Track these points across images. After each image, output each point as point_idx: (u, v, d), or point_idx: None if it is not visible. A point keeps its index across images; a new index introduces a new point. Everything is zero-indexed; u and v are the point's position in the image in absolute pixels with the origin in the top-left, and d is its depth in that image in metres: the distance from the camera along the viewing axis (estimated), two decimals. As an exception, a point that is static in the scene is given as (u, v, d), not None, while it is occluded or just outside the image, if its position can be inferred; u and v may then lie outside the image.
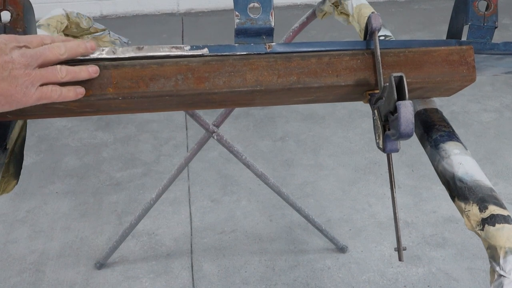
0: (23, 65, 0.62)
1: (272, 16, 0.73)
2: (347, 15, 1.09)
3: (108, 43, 1.21)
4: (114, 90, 0.70)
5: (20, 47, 0.64)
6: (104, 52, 0.70)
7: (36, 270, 1.82)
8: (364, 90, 0.75)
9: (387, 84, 0.65)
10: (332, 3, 1.16)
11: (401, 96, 0.62)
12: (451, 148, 0.72)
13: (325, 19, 1.29)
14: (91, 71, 0.69)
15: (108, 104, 0.72)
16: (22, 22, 0.73)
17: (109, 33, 1.20)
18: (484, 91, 2.86)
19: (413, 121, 0.61)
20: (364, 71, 0.73)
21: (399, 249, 0.69)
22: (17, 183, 0.77)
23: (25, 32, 0.73)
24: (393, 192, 0.71)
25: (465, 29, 0.79)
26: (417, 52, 0.75)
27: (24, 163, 0.79)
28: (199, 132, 2.35)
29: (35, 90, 0.64)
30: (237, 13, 0.72)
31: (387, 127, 0.68)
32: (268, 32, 0.74)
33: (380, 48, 0.73)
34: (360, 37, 1.00)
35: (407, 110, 0.60)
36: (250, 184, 2.19)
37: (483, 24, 0.75)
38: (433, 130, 0.76)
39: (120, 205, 2.11)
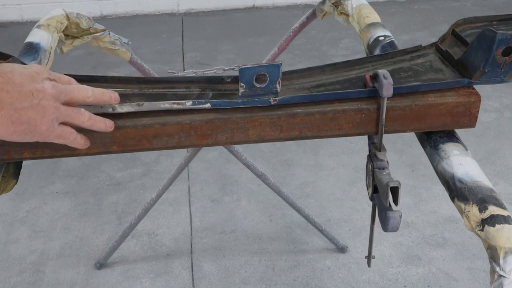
0: (53, 96, 0.61)
1: (279, 84, 0.70)
2: (347, 15, 1.09)
3: (108, 43, 1.21)
4: (118, 148, 0.71)
5: (51, 79, 0.63)
6: (102, 108, 0.69)
7: (36, 270, 1.82)
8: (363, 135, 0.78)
9: (385, 169, 0.71)
10: (332, 3, 1.17)
11: (393, 201, 0.67)
12: (450, 149, 0.72)
13: (325, 19, 1.29)
14: (108, 125, 0.67)
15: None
16: None
17: (109, 34, 1.20)
18: (484, 91, 2.86)
19: (398, 227, 0.68)
20: (367, 124, 0.73)
21: (369, 258, 0.87)
22: (16, 182, 0.77)
23: None
24: (372, 231, 0.85)
25: None
26: (423, 106, 0.73)
27: (24, 163, 0.79)
28: (199, 132, 2.35)
29: (57, 126, 0.63)
30: (242, 84, 0.69)
31: (377, 188, 0.72)
32: (274, 93, 0.71)
33: (387, 96, 0.71)
34: (360, 37, 1.00)
35: (395, 221, 0.68)
36: (250, 184, 2.19)
37: (501, 69, 0.72)
38: (432, 131, 0.76)
39: (120, 205, 2.11)
